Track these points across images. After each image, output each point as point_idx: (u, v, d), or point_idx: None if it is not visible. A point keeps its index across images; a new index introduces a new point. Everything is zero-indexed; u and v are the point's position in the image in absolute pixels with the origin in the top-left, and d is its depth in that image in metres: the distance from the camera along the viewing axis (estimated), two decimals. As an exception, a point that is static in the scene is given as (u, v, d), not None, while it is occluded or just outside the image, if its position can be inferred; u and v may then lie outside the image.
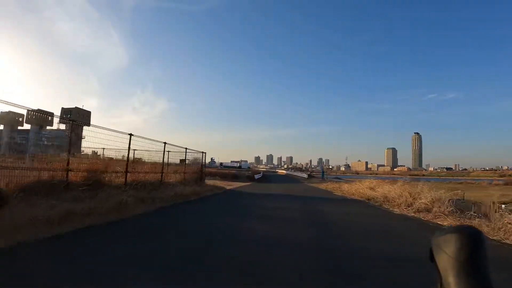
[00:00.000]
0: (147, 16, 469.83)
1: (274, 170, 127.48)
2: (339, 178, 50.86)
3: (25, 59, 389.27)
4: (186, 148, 19.93)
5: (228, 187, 23.76)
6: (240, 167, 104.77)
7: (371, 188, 18.46)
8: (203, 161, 20.77)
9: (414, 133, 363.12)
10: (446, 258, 0.70)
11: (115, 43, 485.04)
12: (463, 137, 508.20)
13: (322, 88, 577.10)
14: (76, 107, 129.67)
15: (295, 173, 71.57)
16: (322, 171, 54.27)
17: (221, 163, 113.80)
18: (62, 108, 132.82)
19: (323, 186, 31.08)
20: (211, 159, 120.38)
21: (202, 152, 21.22)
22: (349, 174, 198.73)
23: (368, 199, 16.56)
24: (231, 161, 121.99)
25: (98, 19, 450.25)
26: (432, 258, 0.75)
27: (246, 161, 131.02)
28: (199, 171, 20.28)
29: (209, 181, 31.03)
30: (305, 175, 54.59)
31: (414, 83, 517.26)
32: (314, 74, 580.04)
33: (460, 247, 0.69)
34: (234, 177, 38.78)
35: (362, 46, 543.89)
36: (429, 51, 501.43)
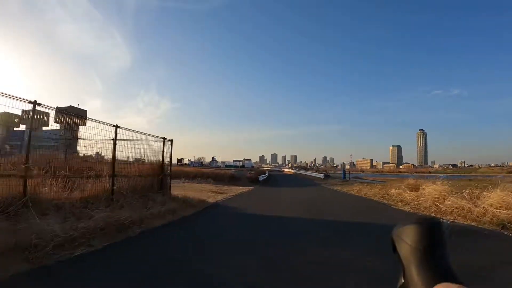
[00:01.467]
0: (150, 16, 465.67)
1: (280, 169, 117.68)
2: (359, 178, 41.82)
3: (28, 61, 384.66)
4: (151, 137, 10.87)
5: (214, 198, 15.24)
6: (243, 166, 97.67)
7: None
8: (164, 155, 11.32)
9: (419, 130, 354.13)
10: (407, 248, 0.71)
11: (118, 44, 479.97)
12: (467, 134, 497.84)
13: (327, 87, 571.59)
14: (71, 106, 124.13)
15: (307, 173, 61.85)
16: (343, 171, 42.60)
17: (222, 163, 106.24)
18: (57, 107, 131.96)
19: (356, 191, 21.90)
20: (213, 158, 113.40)
21: (163, 139, 11.90)
22: (369, 172, 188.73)
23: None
24: (234, 160, 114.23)
25: (101, 20, 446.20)
26: (394, 249, 0.75)
27: (249, 160, 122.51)
28: (156, 172, 11.20)
29: (195, 186, 23.01)
30: (320, 175, 44.25)
31: (419, 80, 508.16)
32: (319, 74, 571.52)
33: (420, 237, 0.70)
34: (232, 179, 30.13)
35: (366, 44, 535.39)
36: (434, 48, 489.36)
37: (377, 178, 51.26)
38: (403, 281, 0.71)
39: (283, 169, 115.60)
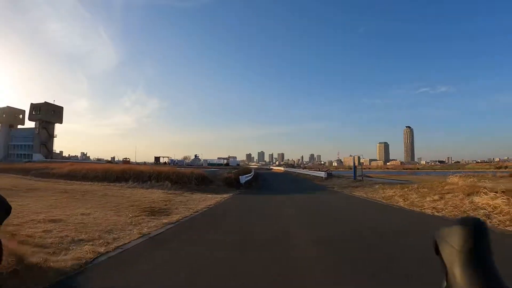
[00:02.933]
0: (138, 13, 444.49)
1: (268, 167, 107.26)
2: (368, 177, 32.69)
3: (12, 60, 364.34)
4: None
5: (102, 246, 4.94)
6: (227, 164, 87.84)
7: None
8: None
9: (406, 126, 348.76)
10: (451, 250, 0.67)
11: (105, 43, 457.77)
12: (453, 130, 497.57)
13: (314, 84, 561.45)
14: (45, 102, 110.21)
15: (300, 171, 52.31)
16: (354, 169, 30.03)
17: (205, 160, 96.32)
18: (31, 104, 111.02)
19: (404, 200, 12.84)
20: (195, 156, 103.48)
21: None
22: (377, 169, 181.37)
23: None
24: (218, 158, 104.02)
25: (88, 18, 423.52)
26: (437, 251, 0.72)
27: (235, 157, 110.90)
28: None
29: (130, 194, 13.34)
30: (320, 174, 33.92)
31: (407, 77, 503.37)
32: (307, 71, 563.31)
33: (464, 239, 0.66)
34: (202, 182, 20.47)
35: (354, 41, 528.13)
36: (422, 45, 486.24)
37: (387, 176, 42.45)
38: (445, 284, 0.66)
39: (271, 167, 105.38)
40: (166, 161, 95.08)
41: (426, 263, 3.54)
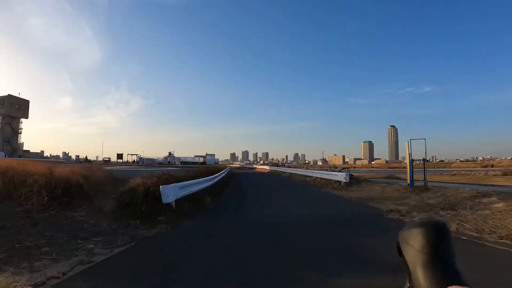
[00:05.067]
0: (123, 10, 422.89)
1: (251, 166, 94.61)
2: (392, 177, 20.51)
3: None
4: None
5: None
6: (204, 163, 76.33)
7: None
8: None
9: (390, 126, 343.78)
10: (413, 251, 0.68)
11: (89, 39, 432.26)
12: (436, 129, 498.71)
13: (298, 83, 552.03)
14: (9, 94, 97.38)
15: (292, 170, 39.73)
16: (411, 168, 15.39)
17: (177, 159, 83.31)
18: None
19: None
20: (169, 153, 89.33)
21: None
22: (356, 168, 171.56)
23: None
24: (195, 156, 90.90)
25: (71, 13, 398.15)
26: (400, 253, 0.73)
27: (213, 155, 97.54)
28: None
29: None
30: (338, 177, 19.35)
31: (392, 77, 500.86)
32: (289, 69, 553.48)
33: (426, 240, 0.67)
34: (61, 203, 7.40)
35: (338, 40, 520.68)
36: (406, 45, 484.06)
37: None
38: (408, 285, 0.68)
39: (255, 166, 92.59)
40: (135, 159, 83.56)
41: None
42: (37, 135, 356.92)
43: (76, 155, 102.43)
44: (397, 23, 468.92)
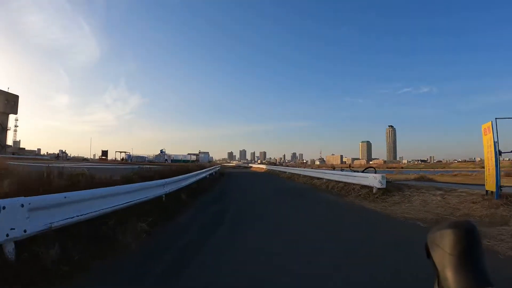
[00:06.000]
0: (119, 6, 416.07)
1: (247, 165, 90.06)
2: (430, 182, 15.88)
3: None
4: None
5: None
6: (197, 161, 72.32)
7: None
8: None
9: (388, 126, 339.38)
10: (442, 253, 0.67)
11: (86, 36, 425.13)
12: (434, 130, 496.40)
13: (297, 82, 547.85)
14: None
15: (293, 170, 30.47)
16: (497, 168, 8.62)
17: (168, 155, 78.79)
18: None
19: None
20: (161, 151, 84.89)
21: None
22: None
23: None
24: (188, 154, 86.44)
25: (68, 10, 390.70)
26: (428, 255, 0.72)
27: (206, 153, 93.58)
28: None
29: None
30: (370, 181, 12.70)
31: (390, 77, 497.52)
32: (288, 67, 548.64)
33: (456, 242, 0.66)
34: None
35: (336, 39, 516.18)
36: (404, 45, 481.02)
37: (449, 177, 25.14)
38: (437, 287, 0.67)
39: (251, 165, 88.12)
40: (123, 157, 77.92)
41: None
42: (34, 133, 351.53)
43: (59, 150, 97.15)
44: (395, 24, 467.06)
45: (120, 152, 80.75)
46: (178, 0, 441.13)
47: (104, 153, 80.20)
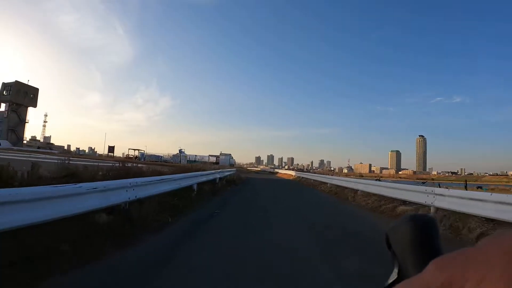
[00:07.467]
0: (153, 8, 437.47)
1: (272, 170, 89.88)
2: None
3: (26, 52, 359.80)
4: None
5: None
6: (217, 163, 67.06)
7: None
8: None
9: (419, 135, 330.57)
10: (403, 244, 0.67)
11: (120, 37, 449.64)
12: (466, 141, 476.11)
13: (327, 89, 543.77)
14: (16, 81, 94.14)
15: (337, 181, 19.58)
16: None
17: (183, 156, 77.64)
18: (3, 83, 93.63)
19: None
20: (179, 150, 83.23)
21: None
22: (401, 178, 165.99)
23: None
24: (209, 155, 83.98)
25: (102, 11, 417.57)
26: (389, 246, 0.70)
27: (228, 155, 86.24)
28: None
29: None
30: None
31: (422, 86, 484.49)
32: (317, 75, 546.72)
33: (416, 233, 0.66)
34: None
35: (369, 47, 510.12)
36: (438, 54, 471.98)
37: None
38: (396, 276, 0.66)
39: (277, 170, 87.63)
40: (137, 155, 73.56)
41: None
42: (65, 129, 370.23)
43: (76, 147, 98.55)
44: (428, 33, 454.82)
45: (134, 149, 79.01)
46: (212, 5, 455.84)
47: (111, 149, 79.36)
